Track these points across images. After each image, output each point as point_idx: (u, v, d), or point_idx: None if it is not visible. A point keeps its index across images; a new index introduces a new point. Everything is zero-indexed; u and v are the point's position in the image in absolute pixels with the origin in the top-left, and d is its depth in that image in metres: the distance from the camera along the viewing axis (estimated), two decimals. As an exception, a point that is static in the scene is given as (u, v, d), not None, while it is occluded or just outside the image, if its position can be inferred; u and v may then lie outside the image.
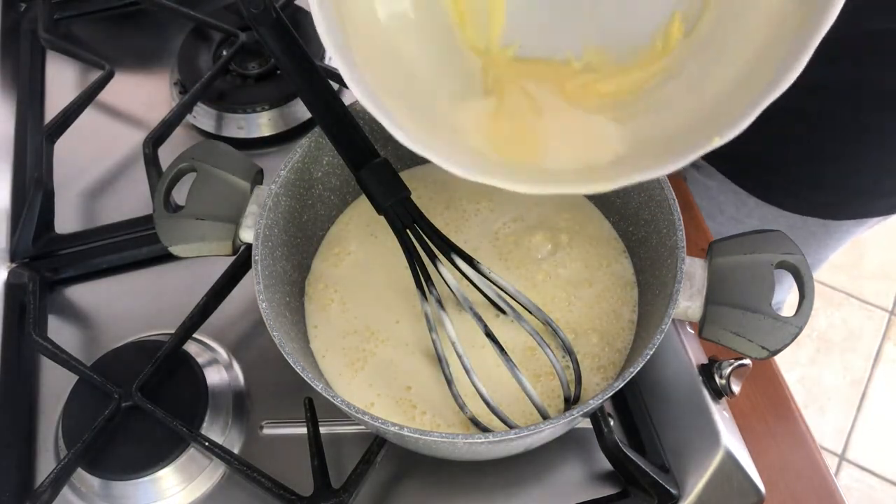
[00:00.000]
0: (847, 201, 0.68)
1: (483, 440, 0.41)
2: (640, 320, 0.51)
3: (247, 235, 0.50)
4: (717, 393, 0.49)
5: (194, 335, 0.56)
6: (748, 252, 0.46)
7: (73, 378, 0.54)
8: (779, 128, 0.66)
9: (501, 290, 0.48)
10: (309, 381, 0.42)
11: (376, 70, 0.40)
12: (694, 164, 0.73)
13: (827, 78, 0.59)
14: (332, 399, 0.42)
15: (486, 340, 0.45)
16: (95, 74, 0.70)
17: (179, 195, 0.52)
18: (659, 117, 0.41)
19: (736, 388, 0.49)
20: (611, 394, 0.42)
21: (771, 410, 0.57)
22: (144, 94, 0.74)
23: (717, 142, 0.35)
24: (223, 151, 0.52)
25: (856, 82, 0.59)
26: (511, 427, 0.46)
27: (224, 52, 0.71)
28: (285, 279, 0.50)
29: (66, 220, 0.66)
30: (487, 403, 0.45)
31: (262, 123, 0.69)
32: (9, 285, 0.61)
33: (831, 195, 0.67)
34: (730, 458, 0.47)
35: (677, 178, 0.69)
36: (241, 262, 0.55)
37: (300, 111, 0.70)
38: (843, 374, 1.62)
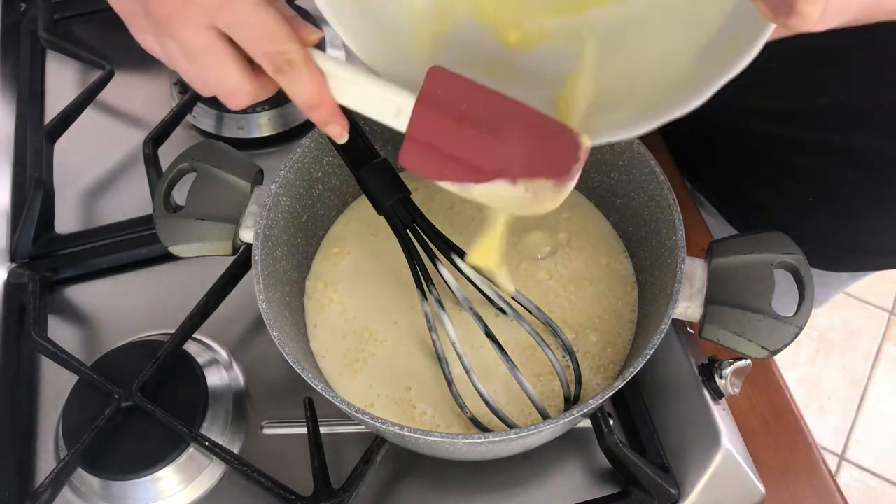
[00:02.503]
0: (841, 258, 0.69)
1: (483, 440, 0.41)
2: (640, 320, 0.51)
3: (247, 235, 0.50)
4: (717, 393, 0.49)
5: (194, 335, 0.56)
6: (748, 252, 0.46)
7: (73, 378, 0.54)
8: (774, 179, 0.66)
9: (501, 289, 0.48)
10: (309, 381, 0.42)
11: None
12: (698, 202, 0.73)
13: (824, 138, 0.60)
14: (332, 399, 0.42)
15: (486, 340, 0.45)
16: (95, 74, 0.70)
17: (179, 195, 0.52)
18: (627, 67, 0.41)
19: (736, 388, 0.49)
20: (611, 394, 0.42)
21: (771, 410, 0.57)
22: (144, 94, 0.74)
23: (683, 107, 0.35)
24: (223, 151, 0.52)
25: (853, 146, 0.60)
26: (511, 427, 0.46)
27: (224, 52, 0.71)
28: (285, 279, 0.50)
29: (66, 220, 0.66)
30: (487, 403, 0.45)
31: (262, 123, 0.69)
32: (9, 285, 0.61)
33: (826, 249, 0.68)
34: (730, 458, 0.47)
35: (680, 185, 0.69)
36: (241, 262, 0.55)
37: (300, 111, 0.70)
38: (843, 374, 1.62)
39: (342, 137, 0.40)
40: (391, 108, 0.38)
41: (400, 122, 0.38)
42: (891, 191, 0.62)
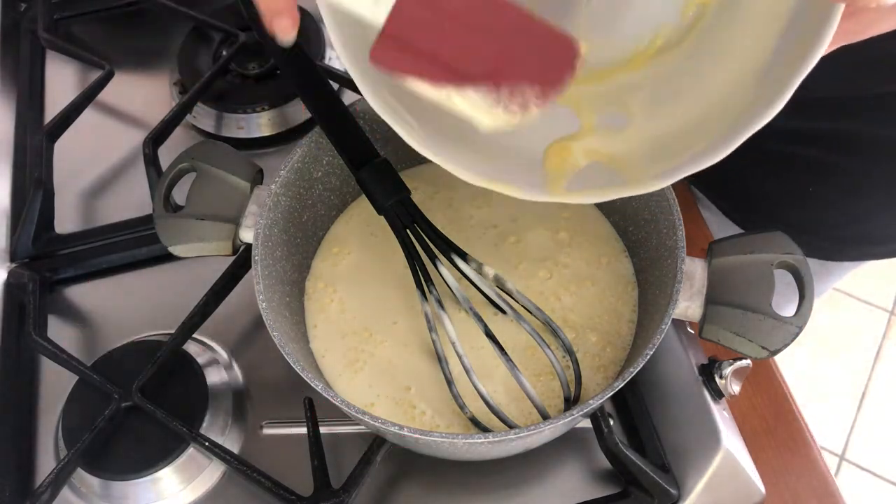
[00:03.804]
0: (841, 247, 0.69)
1: (483, 440, 0.41)
2: (640, 320, 0.51)
3: (247, 235, 0.50)
4: (717, 393, 0.49)
5: (194, 335, 0.56)
6: (748, 252, 0.46)
7: (73, 378, 0.54)
8: (775, 171, 0.66)
9: (501, 289, 0.48)
10: (309, 381, 0.42)
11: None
12: (697, 199, 0.73)
13: (825, 128, 0.60)
14: (332, 399, 0.42)
15: (486, 340, 0.45)
16: (95, 74, 0.70)
17: (179, 195, 0.52)
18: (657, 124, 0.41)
19: (736, 388, 0.49)
20: (611, 394, 0.42)
21: (771, 410, 0.57)
22: (144, 94, 0.74)
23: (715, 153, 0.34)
24: (223, 151, 0.52)
25: (855, 135, 0.60)
26: (511, 427, 0.46)
27: (224, 52, 0.71)
28: (285, 279, 0.50)
29: (66, 220, 0.66)
30: (487, 403, 0.45)
31: (262, 123, 0.69)
32: (9, 285, 0.61)
33: (826, 240, 0.68)
34: (730, 458, 0.47)
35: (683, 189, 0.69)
36: (241, 262, 0.55)
37: (300, 111, 0.70)
38: (843, 375, 1.62)
39: (288, 34, 0.36)
40: None
41: (378, 11, 0.34)
42: (890, 178, 0.62)
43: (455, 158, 0.40)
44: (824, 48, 0.32)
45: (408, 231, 0.48)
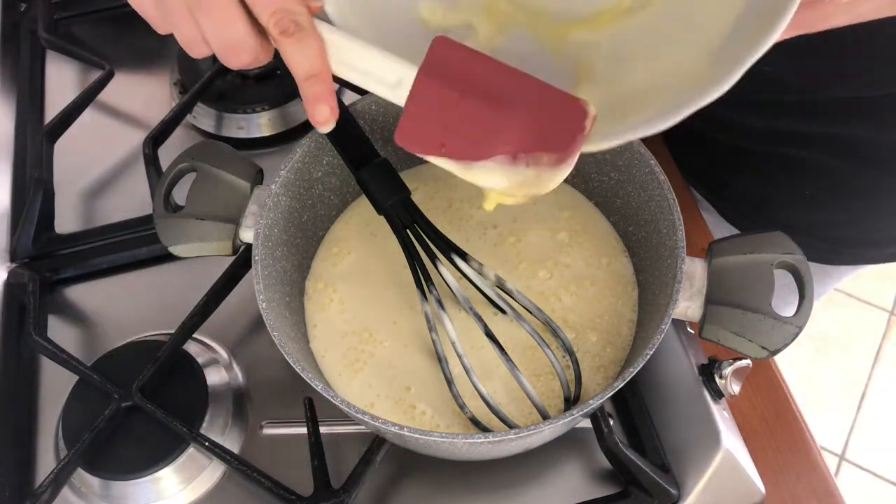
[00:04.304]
0: (838, 250, 0.69)
1: (483, 440, 0.41)
2: (640, 320, 0.51)
3: (247, 235, 0.50)
4: (717, 393, 0.49)
5: (194, 335, 0.56)
6: (748, 252, 0.46)
7: (73, 378, 0.54)
8: (772, 173, 0.66)
9: (501, 289, 0.48)
10: (309, 381, 0.42)
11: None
12: (696, 200, 0.73)
13: (823, 131, 0.60)
14: (332, 399, 0.42)
15: (486, 340, 0.45)
16: (95, 74, 0.70)
17: (179, 195, 0.52)
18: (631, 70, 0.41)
19: (736, 388, 0.49)
20: (611, 394, 0.42)
21: (771, 410, 0.57)
22: (144, 94, 0.74)
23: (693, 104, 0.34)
24: (223, 151, 0.52)
25: (852, 138, 0.60)
26: (511, 427, 0.46)
27: (224, 52, 0.71)
28: (285, 279, 0.50)
29: (66, 220, 0.66)
30: (487, 403, 0.45)
31: (262, 123, 0.69)
32: (9, 285, 0.61)
33: (823, 242, 0.68)
34: (730, 458, 0.47)
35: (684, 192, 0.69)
36: (241, 262, 0.55)
37: (300, 111, 0.70)
38: (843, 374, 1.62)
39: (329, 123, 0.38)
40: (392, 77, 0.36)
41: (399, 94, 0.36)
42: (887, 182, 0.62)
43: None
44: (777, 35, 0.31)
45: (408, 231, 0.48)
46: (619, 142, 0.37)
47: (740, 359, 0.49)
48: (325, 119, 0.38)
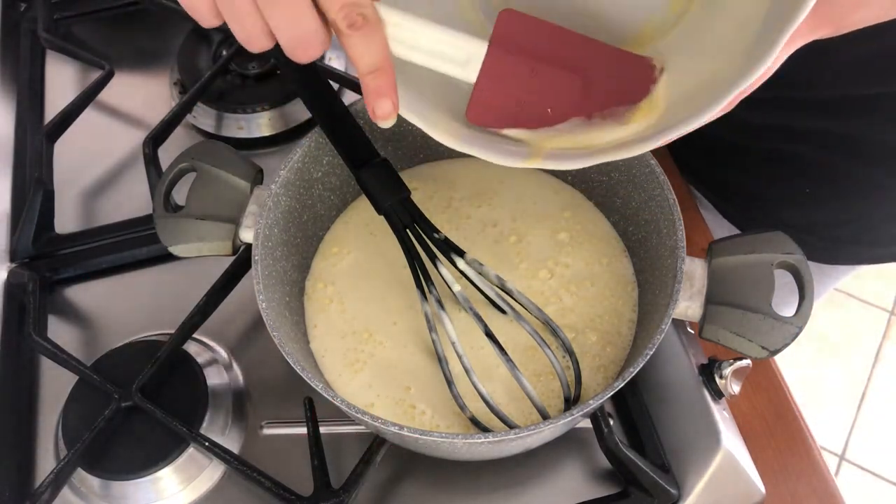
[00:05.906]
0: (838, 250, 0.69)
1: (483, 440, 0.41)
2: (641, 320, 0.51)
3: (247, 235, 0.50)
4: (717, 393, 0.49)
5: (194, 335, 0.56)
6: (748, 252, 0.46)
7: (73, 378, 0.54)
8: (773, 172, 0.66)
9: (501, 289, 0.48)
10: (309, 381, 0.42)
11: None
12: (696, 199, 0.73)
13: (823, 129, 0.60)
14: (332, 399, 0.42)
15: (486, 340, 0.45)
16: (95, 74, 0.70)
17: (179, 195, 0.52)
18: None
19: (736, 388, 0.49)
20: (611, 394, 0.42)
21: (771, 410, 0.57)
22: (144, 94, 0.74)
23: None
24: (223, 151, 0.52)
25: (852, 136, 0.60)
26: (511, 427, 0.46)
27: (224, 52, 0.71)
28: (285, 279, 0.50)
29: (66, 220, 0.66)
30: (487, 403, 0.45)
31: (262, 123, 0.69)
32: (9, 285, 0.61)
33: (822, 241, 0.68)
34: (730, 458, 0.47)
35: (684, 191, 0.69)
36: (241, 262, 0.55)
37: (300, 111, 0.70)
38: (843, 374, 1.62)
39: (391, 118, 0.37)
40: (460, 55, 0.35)
41: (470, 71, 0.36)
42: (887, 180, 0.62)
43: (435, 122, 0.40)
44: (796, 24, 0.32)
45: (408, 231, 0.48)
46: (640, 151, 0.38)
47: (740, 359, 0.49)
48: (387, 114, 0.37)
